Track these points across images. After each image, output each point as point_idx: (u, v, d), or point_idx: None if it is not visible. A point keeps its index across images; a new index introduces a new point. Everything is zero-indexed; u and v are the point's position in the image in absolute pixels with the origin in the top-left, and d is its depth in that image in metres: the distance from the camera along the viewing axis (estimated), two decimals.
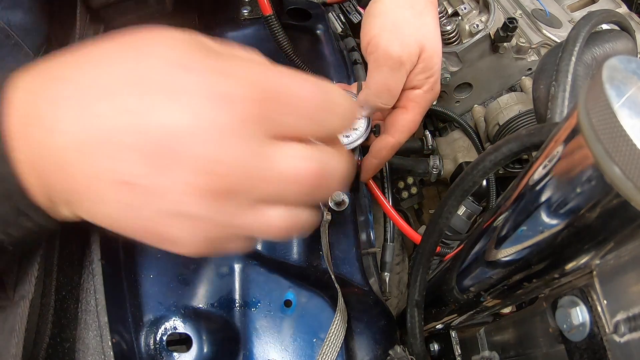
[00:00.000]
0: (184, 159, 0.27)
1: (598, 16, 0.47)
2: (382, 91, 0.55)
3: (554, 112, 0.41)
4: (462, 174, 0.41)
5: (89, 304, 0.47)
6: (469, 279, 0.44)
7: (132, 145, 0.27)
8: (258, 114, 0.28)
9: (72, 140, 0.28)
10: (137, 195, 0.28)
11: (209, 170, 0.28)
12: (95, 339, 0.46)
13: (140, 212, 0.29)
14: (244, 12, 0.77)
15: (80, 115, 0.28)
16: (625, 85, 0.22)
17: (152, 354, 0.51)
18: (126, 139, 0.27)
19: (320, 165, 0.30)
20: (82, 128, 0.28)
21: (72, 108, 0.28)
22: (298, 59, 0.66)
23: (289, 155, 0.29)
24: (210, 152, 0.27)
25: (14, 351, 0.37)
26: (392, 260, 0.70)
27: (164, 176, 0.28)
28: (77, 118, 0.28)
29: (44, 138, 0.28)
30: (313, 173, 0.30)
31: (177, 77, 0.27)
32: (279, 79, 0.29)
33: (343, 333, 0.53)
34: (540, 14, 0.81)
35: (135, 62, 0.28)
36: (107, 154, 0.28)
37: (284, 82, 0.29)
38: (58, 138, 0.28)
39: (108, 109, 0.27)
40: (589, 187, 0.24)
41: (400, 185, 0.98)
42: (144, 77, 0.28)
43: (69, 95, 0.28)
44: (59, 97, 0.28)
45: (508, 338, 0.49)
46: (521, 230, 0.33)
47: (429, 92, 0.58)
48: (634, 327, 0.30)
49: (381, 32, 0.54)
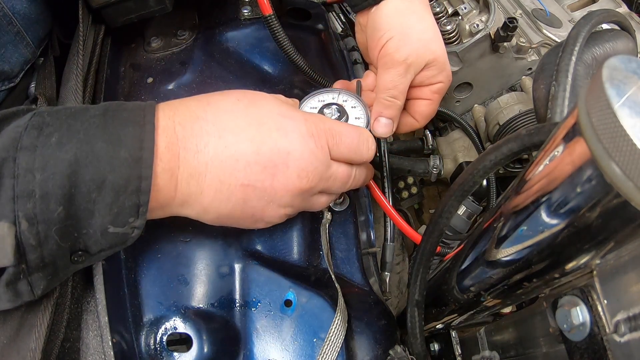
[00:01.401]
0: (290, 169, 0.46)
1: (598, 16, 0.46)
2: (390, 89, 0.60)
3: (554, 112, 0.40)
4: (462, 173, 0.41)
5: (89, 304, 0.48)
6: (469, 278, 0.44)
7: (254, 160, 0.44)
8: (328, 144, 0.49)
9: (212, 158, 0.43)
10: (255, 192, 0.46)
11: (304, 176, 0.47)
12: (96, 339, 0.46)
13: (254, 204, 0.46)
14: (244, 12, 0.77)
15: (219, 143, 0.44)
16: (625, 85, 0.22)
17: (152, 354, 0.51)
18: (250, 157, 0.44)
19: (353, 174, 0.54)
20: (221, 150, 0.43)
21: (213, 138, 0.44)
22: (298, 59, 0.66)
23: (340, 166, 0.52)
24: (306, 164, 0.47)
25: (33, 345, 0.40)
26: (392, 260, 0.70)
27: (276, 180, 0.46)
28: (216, 144, 0.44)
29: (188, 156, 0.42)
30: (347, 176, 0.53)
31: (284, 122, 0.47)
32: (337, 126, 0.52)
33: (343, 333, 0.53)
34: (541, 13, 0.81)
35: (256, 111, 0.47)
36: (236, 167, 0.44)
37: (339, 128, 0.52)
38: (201, 157, 0.43)
39: (238, 139, 0.44)
40: (589, 186, 0.24)
41: (401, 185, 0.98)
42: (261, 121, 0.46)
43: (210, 131, 0.44)
44: (203, 131, 0.44)
45: (508, 338, 0.49)
46: (521, 230, 0.33)
47: (446, 82, 0.65)
48: (634, 327, 0.30)
49: (390, 40, 0.59)
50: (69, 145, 0.37)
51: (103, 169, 0.38)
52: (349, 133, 0.52)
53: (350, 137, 0.52)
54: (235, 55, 0.74)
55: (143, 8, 0.66)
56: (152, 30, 0.76)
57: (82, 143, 0.38)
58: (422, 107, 0.66)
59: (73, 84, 0.55)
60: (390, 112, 0.62)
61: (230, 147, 0.44)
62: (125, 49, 0.75)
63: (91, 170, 0.37)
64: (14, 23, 0.58)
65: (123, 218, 0.39)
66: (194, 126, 0.44)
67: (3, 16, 0.56)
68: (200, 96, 0.48)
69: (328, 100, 0.63)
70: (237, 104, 0.47)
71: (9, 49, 0.58)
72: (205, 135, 0.43)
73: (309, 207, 0.53)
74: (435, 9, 0.80)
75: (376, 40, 0.61)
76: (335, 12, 0.96)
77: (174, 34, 0.75)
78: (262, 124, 0.46)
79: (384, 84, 0.60)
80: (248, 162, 0.44)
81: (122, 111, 0.41)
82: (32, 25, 0.61)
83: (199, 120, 0.44)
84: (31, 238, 0.36)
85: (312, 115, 0.50)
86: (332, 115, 0.62)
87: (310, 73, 0.68)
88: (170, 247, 0.56)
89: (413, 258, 0.60)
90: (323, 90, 0.65)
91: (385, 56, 0.60)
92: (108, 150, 0.38)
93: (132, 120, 0.40)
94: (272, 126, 0.46)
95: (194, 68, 0.71)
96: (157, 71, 0.71)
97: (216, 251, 0.57)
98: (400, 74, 0.59)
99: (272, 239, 0.60)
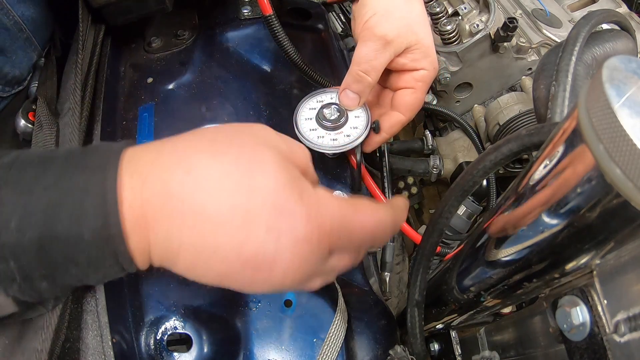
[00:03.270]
0: (274, 274, 0.36)
1: (598, 16, 0.46)
2: (362, 62, 0.58)
3: (554, 112, 0.40)
4: (462, 173, 0.41)
5: (89, 304, 0.48)
6: (469, 278, 0.44)
7: (234, 258, 0.35)
8: (330, 246, 0.38)
9: (185, 246, 0.35)
10: (232, 284, 0.37)
11: (290, 277, 0.36)
12: (96, 339, 0.46)
13: (233, 286, 0.38)
14: (244, 12, 0.77)
15: (192, 233, 0.34)
16: (625, 85, 0.22)
17: (152, 354, 0.51)
18: (229, 254, 0.35)
19: (361, 256, 0.43)
20: (196, 240, 0.35)
21: (186, 228, 0.34)
22: (298, 59, 0.66)
23: (343, 260, 0.41)
24: (293, 271, 0.36)
25: (39, 347, 0.40)
26: (392, 260, 0.70)
27: (254, 282, 0.37)
28: (190, 234, 0.34)
29: (158, 240, 0.34)
30: (349, 262, 0.42)
31: (278, 220, 0.35)
32: (350, 217, 0.39)
33: (343, 333, 0.53)
34: (541, 13, 0.81)
35: (247, 196, 0.35)
36: (213, 258, 0.35)
37: (353, 223, 0.39)
38: (173, 243, 0.35)
39: (218, 232, 0.34)
40: (589, 186, 0.24)
41: (400, 185, 0.98)
42: (251, 212, 0.35)
43: (185, 214, 0.34)
44: (177, 213, 0.34)
45: (508, 338, 0.49)
46: (521, 230, 0.33)
47: (431, 71, 0.62)
48: (634, 327, 0.30)
49: (373, 15, 0.58)
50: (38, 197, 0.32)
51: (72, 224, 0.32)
52: (362, 226, 0.39)
53: (363, 231, 0.39)
54: (235, 55, 0.74)
55: (143, 8, 0.66)
56: (152, 30, 0.76)
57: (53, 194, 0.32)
58: (406, 96, 0.63)
59: (72, 83, 0.55)
60: (357, 86, 0.60)
61: (207, 238, 0.34)
62: (125, 49, 0.75)
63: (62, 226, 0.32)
64: (24, 29, 0.58)
65: (105, 272, 0.36)
66: (164, 207, 0.34)
67: (14, 24, 0.56)
68: (179, 150, 0.36)
69: (327, 101, 0.63)
70: (226, 178, 0.35)
71: (19, 55, 0.59)
72: (179, 219, 0.34)
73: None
74: (435, 9, 0.80)
75: (360, 18, 0.60)
76: (335, 12, 0.96)
77: (174, 34, 0.75)
78: (250, 219, 0.34)
79: (358, 56, 0.59)
80: (226, 256, 0.35)
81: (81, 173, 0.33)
82: (38, 29, 0.61)
83: (172, 199, 0.34)
84: (20, 294, 0.34)
85: (318, 205, 0.37)
86: (331, 116, 0.61)
87: (310, 73, 0.68)
88: None
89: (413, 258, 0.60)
90: (322, 91, 0.65)
91: (365, 30, 0.59)
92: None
93: (92, 191, 0.33)
94: (261, 223, 0.35)
95: (194, 68, 0.71)
96: (157, 71, 0.71)
97: None
98: (377, 49, 0.58)
99: None
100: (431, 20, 0.83)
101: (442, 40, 0.81)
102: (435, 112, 0.86)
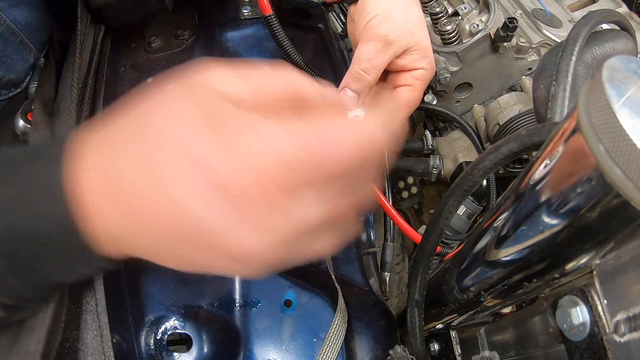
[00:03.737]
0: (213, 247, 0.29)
1: (598, 16, 0.46)
2: (362, 61, 0.59)
3: (554, 112, 0.40)
4: (462, 173, 0.41)
5: (89, 304, 0.48)
6: (469, 278, 0.44)
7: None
8: (275, 188, 0.27)
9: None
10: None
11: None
12: (96, 339, 0.46)
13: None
14: (244, 12, 0.77)
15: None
16: (625, 85, 0.22)
17: (152, 354, 0.51)
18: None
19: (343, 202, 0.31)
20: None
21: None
22: (298, 59, 0.66)
23: (310, 207, 0.29)
24: (233, 221, 0.28)
25: (33, 348, 0.39)
26: (392, 260, 0.70)
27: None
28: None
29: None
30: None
31: (198, 176, 0.27)
32: (311, 144, 0.28)
33: (343, 333, 0.53)
34: (541, 13, 0.81)
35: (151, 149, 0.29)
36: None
37: (314, 149, 0.28)
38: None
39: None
40: (589, 187, 0.24)
41: (400, 185, 0.98)
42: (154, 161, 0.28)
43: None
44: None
45: (508, 338, 0.49)
46: (521, 230, 0.33)
47: (429, 70, 0.64)
48: (634, 327, 0.30)
49: (375, 17, 0.60)
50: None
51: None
52: (336, 153, 0.28)
53: (340, 161, 0.28)
54: (235, 55, 0.74)
55: (143, 8, 0.66)
56: (152, 30, 0.76)
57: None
58: (403, 93, 0.64)
59: (69, 82, 0.55)
60: (357, 85, 0.60)
61: (143, 218, 0.30)
62: (125, 49, 0.75)
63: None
64: (17, 33, 0.59)
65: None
66: (103, 192, 0.30)
67: (6, 28, 0.57)
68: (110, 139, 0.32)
69: None
70: (137, 151, 0.29)
71: (14, 59, 0.59)
72: (115, 202, 0.30)
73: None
74: (435, 9, 0.80)
75: (362, 20, 0.61)
76: (335, 12, 0.96)
77: (174, 34, 0.75)
78: (166, 186, 0.28)
79: (359, 55, 0.60)
80: (164, 234, 0.30)
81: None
82: (34, 33, 0.61)
83: (109, 183, 0.30)
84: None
85: (250, 142, 0.27)
86: None
87: (310, 73, 0.68)
88: None
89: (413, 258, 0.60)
90: None
91: (366, 30, 0.60)
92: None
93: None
94: (183, 188, 0.28)
95: None
96: (157, 71, 0.71)
97: None
98: (378, 49, 0.59)
99: None
100: (431, 20, 0.82)
101: (442, 40, 0.81)
102: (435, 112, 0.86)
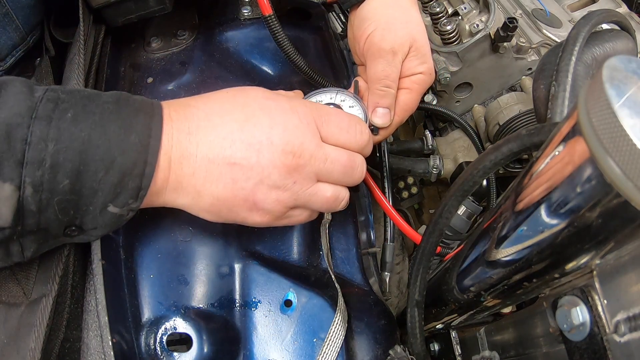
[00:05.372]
0: (275, 144, 0.46)
1: (598, 16, 0.47)
2: (382, 79, 0.61)
3: (554, 112, 0.41)
4: (462, 173, 0.41)
5: (89, 304, 0.48)
6: (469, 278, 0.44)
7: (239, 138, 0.46)
8: (316, 122, 0.49)
9: (201, 138, 0.46)
10: (242, 171, 0.46)
11: (289, 150, 0.46)
12: (96, 339, 0.46)
13: (243, 184, 0.46)
14: (244, 12, 0.77)
15: (207, 124, 0.47)
16: (625, 85, 0.22)
17: (152, 354, 0.51)
18: (235, 135, 0.46)
19: (351, 158, 0.51)
20: (209, 131, 0.46)
21: (202, 121, 0.47)
22: (298, 59, 0.66)
23: (334, 149, 0.50)
24: (291, 138, 0.47)
25: (33, 345, 0.40)
26: (392, 260, 0.70)
27: (261, 155, 0.46)
28: (205, 125, 0.46)
29: (181, 137, 0.45)
30: (347, 160, 0.51)
31: (267, 102, 0.49)
32: (325, 107, 0.53)
33: (343, 333, 0.53)
34: (541, 13, 0.81)
35: (242, 97, 0.50)
36: (223, 145, 0.46)
37: (327, 109, 0.53)
38: (192, 138, 0.45)
39: (224, 120, 0.47)
40: (589, 186, 0.24)
41: (401, 185, 0.98)
42: (246, 103, 0.49)
43: (200, 115, 0.47)
44: (194, 115, 0.47)
45: (508, 338, 0.49)
46: (521, 230, 0.33)
47: (427, 75, 0.65)
48: (634, 327, 0.30)
49: (375, 30, 0.61)
50: (84, 123, 0.40)
51: (114, 150, 0.40)
52: (337, 114, 0.53)
53: (339, 117, 0.52)
54: (235, 55, 0.74)
55: (143, 8, 0.66)
56: (152, 30, 0.75)
57: (96, 124, 0.40)
58: (401, 96, 0.65)
59: (74, 82, 0.55)
60: (386, 101, 0.62)
61: (217, 127, 0.46)
62: (125, 49, 0.74)
63: (102, 150, 0.40)
64: (3, 3, 0.59)
65: (123, 199, 0.41)
66: (185, 111, 0.47)
67: None
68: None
69: (326, 101, 0.63)
70: (224, 93, 0.50)
71: None
72: (195, 119, 0.46)
73: (307, 198, 0.50)
74: (435, 9, 0.80)
75: (361, 31, 0.62)
76: (335, 12, 0.96)
77: (174, 34, 0.74)
78: (246, 105, 0.48)
79: (375, 74, 0.61)
80: (233, 140, 0.46)
81: (133, 101, 0.44)
82: (22, 10, 0.61)
83: (189, 107, 0.47)
84: (33, 204, 0.38)
85: (298, 99, 0.52)
86: None
87: (309, 73, 0.68)
88: (170, 247, 0.56)
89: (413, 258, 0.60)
90: (321, 91, 0.65)
91: (371, 46, 0.61)
92: (120, 134, 0.41)
93: (143, 110, 0.44)
94: (255, 107, 0.48)
95: (194, 68, 0.71)
96: (157, 71, 0.71)
97: (216, 251, 0.57)
98: (390, 63, 0.60)
99: (272, 239, 0.60)
100: (431, 20, 0.83)
101: (442, 40, 0.81)
102: (435, 112, 0.86)
